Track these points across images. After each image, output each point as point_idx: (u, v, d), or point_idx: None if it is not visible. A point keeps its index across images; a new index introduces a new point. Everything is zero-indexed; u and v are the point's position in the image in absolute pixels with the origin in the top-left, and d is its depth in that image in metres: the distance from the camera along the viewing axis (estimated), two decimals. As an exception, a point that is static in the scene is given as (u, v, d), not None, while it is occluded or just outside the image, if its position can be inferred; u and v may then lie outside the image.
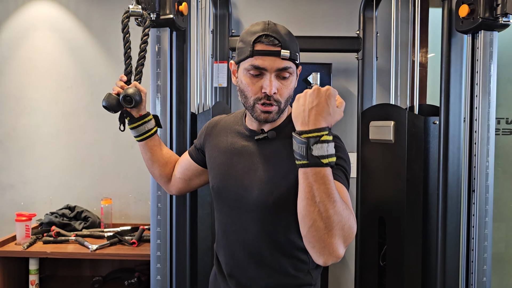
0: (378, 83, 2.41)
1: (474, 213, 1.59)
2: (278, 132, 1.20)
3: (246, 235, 1.21)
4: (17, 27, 2.60)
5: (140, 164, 2.58)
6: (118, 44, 2.58)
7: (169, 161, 1.46)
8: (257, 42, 1.11)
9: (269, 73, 1.11)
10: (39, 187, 2.62)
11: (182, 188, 1.47)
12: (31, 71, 2.60)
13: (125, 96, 1.31)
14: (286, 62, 1.11)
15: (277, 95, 1.13)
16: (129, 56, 1.39)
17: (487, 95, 1.57)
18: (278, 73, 1.12)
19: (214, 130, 1.35)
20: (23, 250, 2.13)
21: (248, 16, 2.56)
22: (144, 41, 1.41)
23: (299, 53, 1.17)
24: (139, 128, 1.38)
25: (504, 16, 1.47)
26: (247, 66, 1.13)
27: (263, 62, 1.11)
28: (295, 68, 1.17)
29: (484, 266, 1.59)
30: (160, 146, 1.45)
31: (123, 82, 1.38)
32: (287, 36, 1.13)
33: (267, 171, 1.16)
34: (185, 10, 1.57)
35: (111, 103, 1.32)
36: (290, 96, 1.17)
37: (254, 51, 1.11)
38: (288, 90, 1.15)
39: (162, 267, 1.60)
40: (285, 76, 1.13)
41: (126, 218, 2.61)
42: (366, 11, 2.32)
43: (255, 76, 1.13)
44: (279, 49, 1.10)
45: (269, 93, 1.11)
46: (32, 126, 2.61)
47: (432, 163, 1.80)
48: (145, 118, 1.38)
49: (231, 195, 1.22)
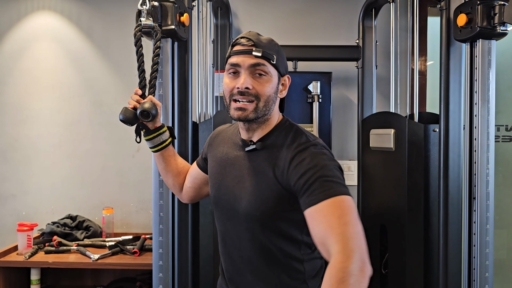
0: (378, 91, 2.43)
1: (475, 220, 1.60)
2: (264, 142, 1.21)
3: (241, 244, 1.23)
4: (19, 38, 2.62)
5: (142, 173, 2.61)
6: (119, 54, 2.60)
7: (182, 171, 1.50)
8: (235, 45, 1.19)
9: (243, 70, 1.16)
10: (40, 197, 2.62)
11: (194, 197, 1.50)
12: (33, 82, 2.62)
13: (142, 111, 1.34)
14: (259, 59, 1.15)
15: (253, 90, 1.16)
16: (143, 69, 1.42)
17: (486, 102, 1.58)
18: (252, 70, 1.16)
19: (216, 140, 1.38)
20: (24, 260, 2.13)
21: (248, 26, 2.58)
22: (156, 53, 1.44)
23: (281, 60, 1.20)
24: (154, 140, 1.42)
25: (502, 25, 1.49)
26: (226, 66, 1.20)
27: (236, 59, 1.16)
28: (275, 72, 1.19)
29: (486, 273, 1.60)
30: (174, 156, 1.49)
31: (138, 96, 1.40)
32: (265, 40, 1.19)
33: (253, 182, 1.18)
34: (186, 21, 1.59)
35: (128, 117, 1.35)
36: (271, 96, 1.18)
37: (231, 52, 1.19)
38: (265, 87, 1.17)
39: (164, 277, 1.60)
40: (260, 74, 1.16)
41: (127, 228, 2.61)
42: (366, 20, 2.34)
43: (233, 75, 1.18)
44: (252, 48, 1.15)
45: (241, 87, 1.15)
46: (34, 136, 2.63)
47: (433, 171, 1.80)
48: (160, 130, 1.42)
49: (225, 204, 1.25)
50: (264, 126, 1.22)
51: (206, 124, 1.86)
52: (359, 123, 2.34)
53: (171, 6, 1.51)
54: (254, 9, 2.58)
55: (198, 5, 2.00)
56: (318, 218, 0.99)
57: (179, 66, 1.65)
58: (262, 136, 1.22)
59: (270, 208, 1.15)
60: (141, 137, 1.44)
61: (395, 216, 1.94)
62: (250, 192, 1.18)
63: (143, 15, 1.44)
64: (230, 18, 2.42)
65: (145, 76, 1.43)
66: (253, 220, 1.18)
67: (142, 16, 1.44)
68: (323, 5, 2.57)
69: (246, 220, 1.19)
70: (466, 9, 1.54)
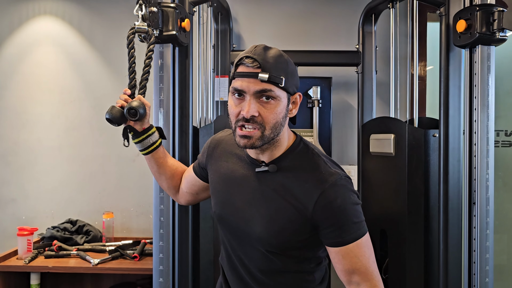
0: (378, 97, 2.43)
1: (475, 225, 1.60)
2: (279, 165, 1.16)
3: (250, 262, 1.22)
4: (20, 43, 2.63)
5: (142, 177, 2.61)
6: (120, 59, 2.61)
7: (176, 173, 1.47)
8: (239, 65, 1.10)
9: (249, 95, 1.07)
10: (41, 201, 2.62)
11: (191, 200, 1.48)
12: (34, 86, 2.63)
13: (129, 109, 1.31)
14: (265, 84, 1.06)
15: (259, 118, 1.08)
16: (133, 70, 1.41)
17: (486, 108, 1.59)
18: (258, 95, 1.07)
19: (216, 151, 1.32)
20: (24, 264, 2.13)
21: (249, 31, 2.59)
22: (148, 56, 1.44)
23: (291, 78, 1.11)
24: (144, 142, 1.38)
25: (501, 31, 1.50)
26: (231, 88, 1.12)
27: (241, 83, 1.08)
28: (284, 94, 1.10)
29: (486, 278, 1.60)
30: (166, 157, 1.45)
31: (127, 95, 1.38)
32: (272, 59, 1.08)
33: (268, 208, 1.14)
34: (187, 26, 1.60)
35: (115, 116, 1.32)
36: (278, 122, 1.10)
37: (235, 73, 1.10)
38: (272, 114, 1.08)
39: (165, 281, 1.60)
40: (268, 100, 1.08)
41: (127, 232, 2.61)
42: (365, 26, 2.35)
43: (238, 99, 1.10)
44: (258, 71, 1.06)
45: (246, 114, 1.07)
46: (34, 140, 2.63)
47: (433, 176, 1.81)
48: (149, 131, 1.38)
49: (232, 224, 1.22)
50: (275, 147, 1.15)
51: (206, 128, 1.86)
52: (359, 128, 2.35)
53: (172, 12, 1.52)
54: (254, 15, 2.59)
55: (199, 11, 2.01)
56: (346, 257, 1.10)
57: (180, 71, 1.66)
58: (275, 158, 1.16)
59: (289, 239, 1.13)
60: (129, 141, 1.40)
61: (395, 221, 1.94)
62: (265, 219, 1.14)
63: (138, 19, 1.45)
64: (231, 23, 2.43)
65: (135, 77, 1.42)
66: (268, 245, 1.16)
67: (137, 20, 1.45)
68: (323, 11, 2.59)
69: (259, 245, 1.16)
70: (466, 15, 1.55)
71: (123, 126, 1.39)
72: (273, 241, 1.14)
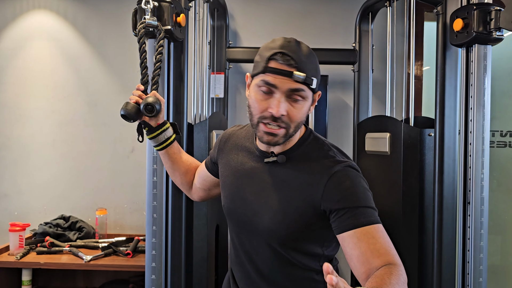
0: (374, 95, 2.43)
1: (470, 225, 1.59)
2: (288, 156, 1.15)
3: (258, 257, 1.20)
4: (14, 37, 2.61)
5: (136, 174, 2.59)
6: (115, 54, 2.59)
7: (190, 169, 1.47)
8: (272, 59, 1.05)
9: (279, 93, 1.05)
10: (33, 197, 2.60)
11: (204, 196, 1.48)
12: (28, 81, 2.60)
13: (146, 105, 1.31)
14: (299, 84, 1.04)
15: (286, 117, 1.06)
16: (145, 66, 1.40)
17: (482, 108, 1.58)
18: (290, 94, 1.05)
19: (227, 145, 1.31)
20: (16, 260, 2.11)
21: (245, 28, 2.58)
22: (159, 52, 1.43)
23: (318, 78, 1.10)
24: (158, 138, 1.38)
25: (498, 30, 1.49)
26: (258, 81, 1.08)
27: (274, 79, 1.04)
28: (311, 94, 1.09)
29: (480, 278, 1.59)
30: (180, 153, 1.45)
31: (140, 91, 1.37)
32: (306, 57, 1.05)
33: (277, 199, 1.12)
34: (183, 21, 1.58)
35: (130, 112, 1.31)
36: (302, 121, 1.11)
37: (267, 68, 1.05)
38: (299, 114, 1.08)
39: (157, 278, 1.58)
40: (297, 99, 1.06)
41: (121, 229, 2.60)
42: (362, 24, 2.35)
43: (265, 93, 1.07)
44: (293, 70, 1.03)
45: (276, 114, 1.04)
46: (28, 135, 2.60)
47: (428, 175, 1.80)
48: (164, 127, 1.38)
49: (241, 217, 1.21)
50: (288, 141, 1.14)
51: (201, 125, 1.85)
52: (354, 126, 2.34)
53: (167, 6, 1.51)
54: (251, 11, 2.58)
55: (195, 6, 1.99)
56: (363, 239, 0.99)
57: (175, 67, 1.64)
58: (286, 150, 1.15)
59: (298, 228, 1.11)
60: (144, 136, 1.39)
61: (390, 220, 1.94)
62: (274, 209, 1.12)
63: (147, 13, 1.43)
64: (227, 20, 2.41)
65: (147, 72, 1.41)
66: (276, 237, 1.14)
67: (146, 14, 1.43)
68: (320, 9, 2.58)
69: (267, 236, 1.15)
70: (463, 14, 1.54)
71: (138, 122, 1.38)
72: (282, 232, 1.11)
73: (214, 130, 1.94)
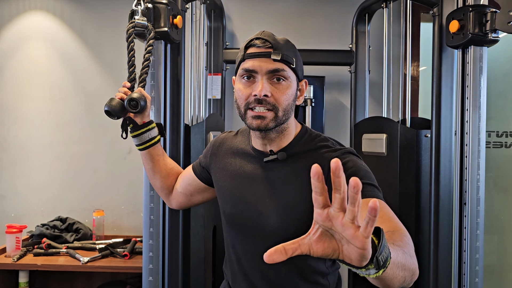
0: (370, 96, 2.44)
1: (466, 225, 1.60)
2: (287, 152, 1.14)
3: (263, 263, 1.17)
4: (11, 38, 2.60)
5: (133, 175, 2.59)
6: (111, 55, 2.59)
7: (171, 173, 1.43)
8: (249, 46, 1.10)
9: (260, 75, 1.07)
10: (30, 198, 2.60)
11: (183, 203, 1.43)
12: (24, 82, 2.60)
13: (130, 100, 1.28)
14: (278, 64, 1.06)
15: (272, 99, 1.06)
16: (133, 64, 1.39)
17: (478, 109, 1.59)
18: (270, 76, 1.07)
19: (220, 150, 1.29)
20: (13, 262, 2.10)
21: (242, 29, 2.58)
22: (148, 51, 1.43)
23: (298, 62, 1.12)
24: (142, 136, 1.34)
25: (493, 32, 1.50)
26: (240, 71, 1.11)
27: (253, 63, 1.07)
28: (294, 76, 1.10)
29: (476, 278, 1.60)
30: (163, 156, 1.42)
31: (126, 88, 1.35)
32: (282, 41, 1.10)
33: (281, 197, 1.11)
34: (179, 23, 1.58)
35: (114, 108, 1.28)
36: (290, 104, 1.09)
37: (245, 55, 1.09)
38: (284, 95, 1.07)
39: (154, 280, 1.58)
40: (279, 79, 1.07)
41: (118, 230, 2.59)
42: (359, 25, 2.35)
43: (248, 81, 1.09)
44: (270, 50, 1.06)
45: (259, 94, 1.05)
46: (24, 137, 2.60)
47: (424, 176, 1.81)
48: (149, 126, 1.35)
49: (246, 221, 1.17)
50: (283, 136, 1.14)
51: (198, 126, 1.85)
52: (351, 127, 2.35)
53: (164, 8, 1.51)
54: (247, 13, 2.58)
55: (192, 8, 1.99)
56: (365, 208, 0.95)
57: (172, 68, 1.64)
58: (284, 147, 1.15)
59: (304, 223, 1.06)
60: (128, 133, 1.36)
61: (387, 220, 1.94)
62: (279, 208, 1.10)
63: (137, 13, 1.43)
64: (224, 21, 2.42)
65: (135, 70, 1.40)
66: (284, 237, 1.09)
67: (136, 14, 1.43)
68: (317, 10, 2.58)
69: (275, 237, 1.09)
70: (459, 16, 1.55)
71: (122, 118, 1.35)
72: (291, 229, 1.08)
73: (211, 132, 1.95)
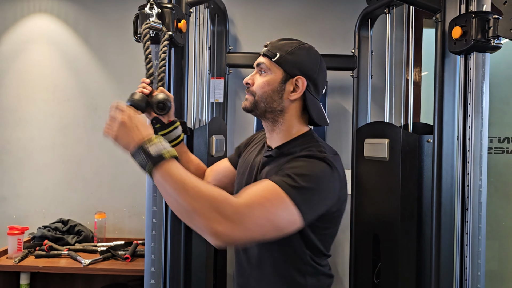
0: (372, 101, 2.44)
1: (468, 231, 1.60)
2: (280, 150, 1.22)
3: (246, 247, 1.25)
4: (15, 40, 2.61)
5: (135, 178, 2.59)
6: (116, 58, 2.60)
7: (199, 167, 1.49)
8: None
9: (254, 69, 1.28)
10: (32, 200, 2.60)
11: None
12: (28, 84, 2.61)
13: (158, 103, 1.29)
14: (261, 58, 1.24)
15: (252, 87, 1.23)
16: (150, 60, 1.38)
17: (480, 114, 1.59)
18: (258, 69, 1.25)
19: (252, 141, 1.43)
20: (14, 264, 2.10)
21: (245, 33, 2.59)
22: (164, 51, 1.42)
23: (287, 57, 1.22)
24: (169, 135, 1.36)
25: (496, 38, 1.50)
26: None
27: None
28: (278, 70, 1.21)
29: (477, 284, 1.60)
30: (188, 153, 1.47)
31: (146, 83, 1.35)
32: (283, 41, 1.26)
33: None
34: (184, 27, 1.59)
35: (137, 102, 1.27)
36: (267, 93, 1.21)
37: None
38: (261, 83, 1.22)
39: (156, 283, 1.58)
40: (261, 71, 1.24)
41: (120, 233, 2.59)
42: (362, 31, 2.36)
43: None
44: (264, 49, 1.25)
45: (244, 82, 1.26)
46: (27, 139, 2.61)
47: (426, 181, 1.81)
48: (175, 124, 1.37)
49: None
50: (282, 134, 1.24)
51: (201, 130, 1.85)
52: (353, 132, 2.35)
53: (168, 12, 1.52)
54: (251, 17, 2.59)
55: (196, 12, 2.00)
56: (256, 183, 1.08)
57: (175, 72, 1.64)
58: (280, 144, 1.24)
59: None
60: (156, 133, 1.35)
61: (388, 225, 1.95)
62: None
63: (152, 16, 1.43)
64: (227, 25, 2.43)
65: (152, 67, 1.39)
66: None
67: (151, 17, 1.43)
68: (320, 15, 2.59)
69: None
70: (461, 22, 1.56)
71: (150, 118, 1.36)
72: None
73: (214, 135, 1.95)
